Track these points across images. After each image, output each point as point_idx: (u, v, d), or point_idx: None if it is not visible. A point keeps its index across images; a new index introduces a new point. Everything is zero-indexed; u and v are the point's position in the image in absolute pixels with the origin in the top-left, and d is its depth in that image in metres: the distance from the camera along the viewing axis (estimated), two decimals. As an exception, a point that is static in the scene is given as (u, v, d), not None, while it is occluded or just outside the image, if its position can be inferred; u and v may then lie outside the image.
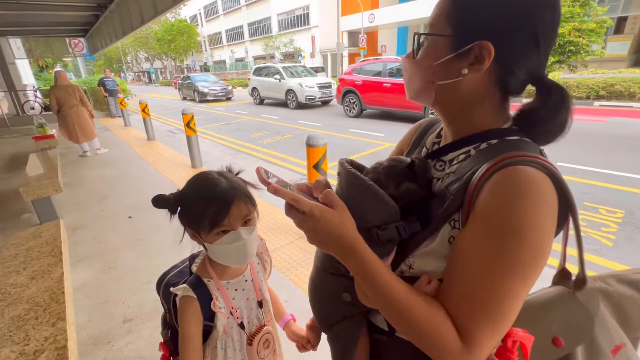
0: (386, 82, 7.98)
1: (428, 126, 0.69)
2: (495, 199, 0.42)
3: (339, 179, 0.55)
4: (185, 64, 43.99)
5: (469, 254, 0.43)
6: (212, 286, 0.78)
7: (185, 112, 4.38)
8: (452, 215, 0.47)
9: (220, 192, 0.72)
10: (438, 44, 0.49)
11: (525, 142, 0.48)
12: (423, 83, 0.52)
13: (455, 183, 0.49)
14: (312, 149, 2.31)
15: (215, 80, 15.51)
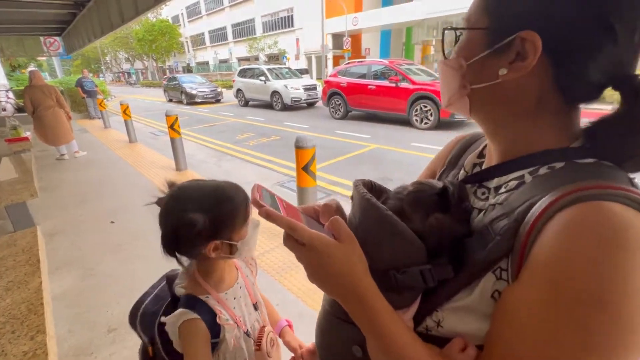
0: (371, 84, 8.07)
1: (468, 142, 0.57)
2: (565, 249, 0.29)
3: (352, 204, 0.46)
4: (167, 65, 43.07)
5: (524, 322, 0.31)
6: (211, 302, 0.74)
7: (169, 113, 4.28)
8: (498, 263, 0.35)
9: (235, 186, 0.74)
10: (473, 40, 0.40)
11: (606, 166, 0.35)
12: (455, 88, 0.42)
13: (503, 219, 0.36)
14: (301, 150, 2.31)
15: (203, 82, 15.11)
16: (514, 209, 0.36)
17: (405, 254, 0.39)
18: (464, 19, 0.42)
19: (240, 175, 4.40)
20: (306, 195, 2.45)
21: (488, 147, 0.48)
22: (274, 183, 4.10)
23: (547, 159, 0.39)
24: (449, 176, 0.55)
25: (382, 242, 0.39)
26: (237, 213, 0.71)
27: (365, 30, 24.93)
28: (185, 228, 0.64)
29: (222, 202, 0.69)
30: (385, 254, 0.39)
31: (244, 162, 5.20)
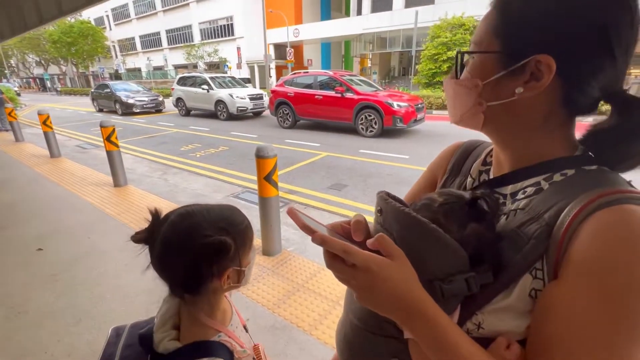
0: (318, 94, 8.29)
1: (468, 150, 0.61)
2: (607, 247, 0.34)
3: (381, 217, 0.46)
4: (90, 71, 38.83)
5: (573, 316, 0.34)
6: (224, 339, 0.66)
7: (104, 124, 3.88)
8: (534, 264, 0.39)
9: (235, 207, 0.69)
10: (486, 62, 0.43)
11: (609, 172, 0.41)
12: (469, 105, 0.46)
13: (531, 223, 0.40)
14: (262, 160, 2.29)
15: (140, 90, 13.81)
16: (540, 213, 0.40)
17: (450, 264, 0.40)
18: (474, 42, 0.45)
19: (190, 189, 4.16)
20: (269, 205, 2.43)
21: (495, 155, 0.52)
22: (226, 195, 3.96)
23: (558, 166, 0.44)
24: (455, 183, 0.58)
25: (427, 255, 0.40)
26: (249, 236, 0.67)
27: (306, 42, 25.57)
28: (213, 253, 0.57)
29: (234, 225, 0.63)
30: (430, 266, 0.40)
31: (193, 174, 4.93)
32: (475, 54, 0.45)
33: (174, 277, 0.61)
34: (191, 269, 0.59)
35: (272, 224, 2.48)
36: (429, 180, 0.65)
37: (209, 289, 0.62)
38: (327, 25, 23.60)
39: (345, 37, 24.54)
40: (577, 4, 0.37)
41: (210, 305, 0.67)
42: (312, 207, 3.59)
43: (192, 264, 0.58)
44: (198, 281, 0.60)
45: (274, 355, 1.62)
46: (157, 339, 0.63)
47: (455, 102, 0.48)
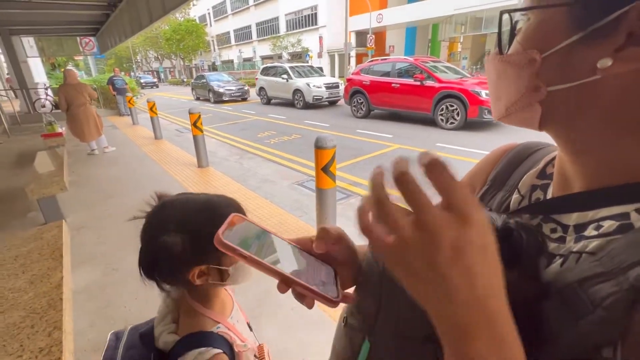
0: (394, 82, 7.87)
1: (520, 156, 0.44)
2: None
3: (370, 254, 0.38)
4: (193, 64, 44.33)
5: None
6: (223, 331, 0.64)
7: (192, 111, 4.35)
8: (600, 350, 0.24)
9: (227, 202, 0.66)
10: (548, 24, 0.29)
11: None
12: (520, 91, 0.31)
13: (605, 281, 0.25)
14: (320, 151, 2.24)
15: (230, 80, 15.26)
16: (621, 267, 0.25)
17: None
18: (528, 7, 0.30)
19: (260, 174, 4.40)
20: (325, 197, 2.39)
21: (559, 166, 0.36)
22: (292, 182, 4.07)
23: (626, 197, 0.28)
24: (495, 199, 0.42)
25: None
26: None
27: (389, 27, 24.48)
28: (161, 252, 0.55)
29: (209, 221, 0.58)
30: (424, 320, 0.27)
31: (265, 160, 5.21)
32: (530, 15, 0.30)
33: (139, 259, 0.61)
34: (148, 259, 0.59)
35: (328, 215, 2.44)
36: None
37: (185, 281, 0.60)
38: (413, 8, 22.13)
39: (433, 20, 22.69)
40: None
41: (205, 295, 0.65)
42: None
43: (147, 255, 0.59)
44: (163, 273, 0.59)
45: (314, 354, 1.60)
46: (156, 333, 0.63)
47: (499, 87, 0.34)
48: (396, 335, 0.33)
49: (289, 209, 3.22)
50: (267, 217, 3.00)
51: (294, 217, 3.01)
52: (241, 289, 0.91)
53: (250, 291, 1.99)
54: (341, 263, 0.39)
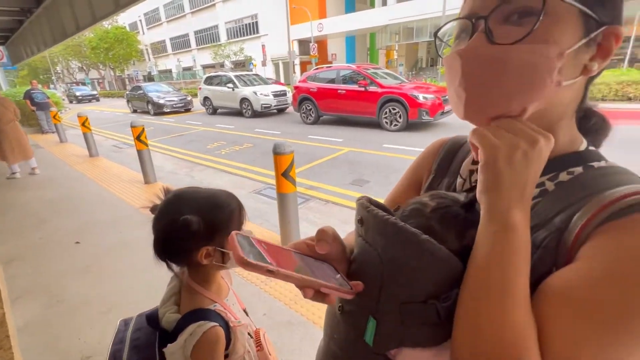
0: (340, 89, 8.20)
1: (454, 147, 0.54)
2: (626, 245, 0.29)
3: (362, 229, 0.40)
4: (126, 74, 41.06)
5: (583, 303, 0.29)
6: (219, 309, 0.72)
7: (134, 124, 4.08)
8: (545, 277, 0.33)
9: (229, 194, 0.77)
10: (568, 24, 0.33)
11: (620, 170, 0.37)
12: (547, 85, 0.33)
13: (539, 229, 0.36)
14: (279, 156, 2.29)
15: (170, 90, 14.41)
16: (548, 218, 0.36)
17: (447, 279, 0.35)
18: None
19: (214, 185, 4.27)
20: (287, 201, 2.43)
21: None
22: (249, 191, 4.03)
23: (564, 164, 0.38)
24: (442, 185, 0.51)
25: (420, 272, 0.35)
26: (232, 220, 0.71)
27: (330, 36, 25.37)
28: (180, 229, 0.63)
29: (216, 208, 0.70)
30: (424, 284, 0.35)
31: (217, 171, 5.07)
32: (548, 11, 0.32)
33: (155, 242, 0.68)
34: (163, 239, 0.66)
35: (290, 220, 2.49)
36: (412, 182, 0.58)
37: (191, 262, 0.68)
38: (351, 18, 23.25)
39: (370, 30, 24.06)
40: None
41: (203, 278, 0.73)
42: (333, 204, 3.56)
43: (163, 235, 0.66)
44: (172, 252, 0.68)
45: (289, 351, 1.63)
46: (160, 314, 0.71)
47: (521, 80, 0.33)
48: (400, 305, 0.36)
49: (248, 218, 3.18)
50: (227, 227, 2.94)
51: (256, 225, 2.99)
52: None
53: (219, 303, 1.95)
54: (334, 259, 0.41)
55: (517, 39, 0.32)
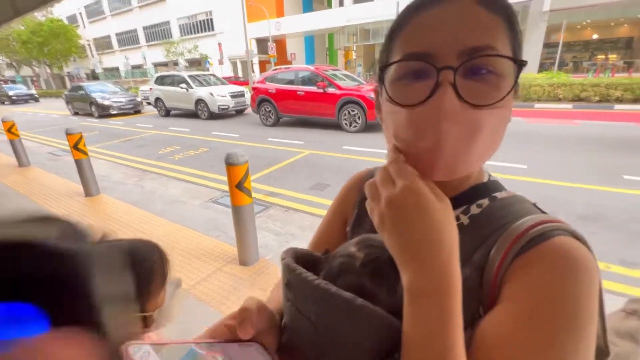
0: (300, 90, 8.14)
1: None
2: (537, 286, 0.31)
3: (291, 294, 0.37)
4: (66, 72, 37.39)
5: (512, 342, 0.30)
6: None
7: (70, 131, 3.67)
8: (475, 318, 0.34)
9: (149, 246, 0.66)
10: (509, 78, 0.34)
11: (519, 199, 0.40)
12: (498, 144, 0.36)
13: (462, 267, 0.34)
14: (232, 167, 2.18)
15: (117, 91, 13.23)
16: (469, 254, 0.37)
17: (388, 344, 0.32)
18: (490, 46, 0.32)
19: (167, 195, 4.00)
20: (242, 213, 2.32)
21: None
22: (205, 200, 3.83)
23: (473, 196, 0.41)
24: (366, 223, 0.49)
25: (360, 339, 0.32)
26: (151, 278, 0.61)
27: (289, 35, 25.18)
28: None
29: (132, 267, 0.57)
30: (365, 351, 0.32)
31: (170, 179, 4.75)
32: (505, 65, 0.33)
33: None
34: None
35: (248, 232, 2.38)
36: (337, 220, 0.55)
37: None
38: (309, 18, 23.25)
39: (328, 30, 24.24)
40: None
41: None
42: (294, 210, 3.50)
43: None
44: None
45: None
46: None
47: (489, 143, 0.35)
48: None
49: (204, 230, 3.01)
50: (179, 243, 2.75)
51: (211, 239, 2.84)
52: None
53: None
54: (264, 332, 0.36)
55: (489, 103, 0.33)
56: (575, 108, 9.00)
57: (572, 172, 4.19)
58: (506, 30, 0.34)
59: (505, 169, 4.41)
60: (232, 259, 2.51)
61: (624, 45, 22.51)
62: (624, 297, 1.97)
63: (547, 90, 9.70)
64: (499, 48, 0.33)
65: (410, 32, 0.35)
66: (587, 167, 4.32)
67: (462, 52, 0.32)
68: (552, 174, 4.15)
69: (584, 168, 4.30)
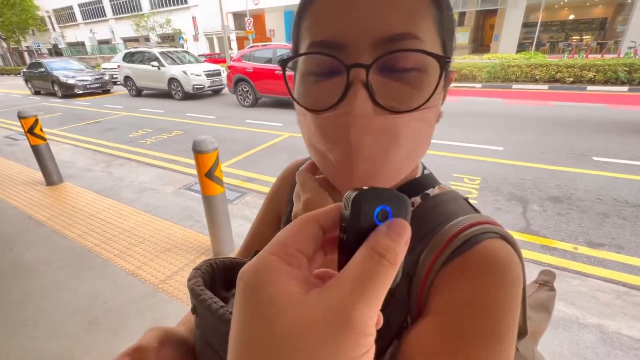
0: (278, 69, 7.82)
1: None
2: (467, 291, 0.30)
3: (198, 321, 0.33)
4: (24, 46, 34.45)
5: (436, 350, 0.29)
6: None
7: (22, 114, 3.35)
8: (403, 330, 0.32)
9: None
10: (434, 73, 0.29)
11: (451, 197, 0.38)
12: (424, 148, 0.33)
13: None
14: (201, 155, 2.04)
15: (82, 68, 12.26)
16: None
17: None
18: (413, 35, 0.28)
19: (137, 182, 3.80)
20: (213, 203, 2.21)
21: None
22: (178, 187, 3.66)
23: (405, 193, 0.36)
24: None
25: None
26: None
27: (267, 10, 24.05)
28: None
29: None
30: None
31: (141, 165, 4.51)
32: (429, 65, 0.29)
33: None
34: None
35: (221, 223, 2.28)
36: (270, 217, 0.50)
37: None
38: (288, -8, 22.20)
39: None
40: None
41: None
42: (271, 196, 3.40)
43: None
44: None
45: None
46: None
47: (414, 147, 0.32)
48: None
49: (176, 220, 2.89)
50: (150, 234, 2.62)
51: (184, 229, 2.72)
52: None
53: None
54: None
55: (410, 108, 0.28)
56: (551, 89, 9.19)
57: (545, 153, 4.28)
58: (433, 12, 0.29)
59: (482, 150, 4.46)
60: (206, 250, 2.42)
61: (598, 26, 23.02)
62: (590, 278, 2.05)
63: (524, 71, 9.81)
64: (423, 36, 0.28)
65: (317, 11, 0.29)
66: (560, 149, 4.43)
67: (377, 43, 0.27)
68: (526, 156, 4.23)
69: (557, 149, 4.41)
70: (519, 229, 2.66)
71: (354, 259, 0.17)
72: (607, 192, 3.19)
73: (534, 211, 2.93)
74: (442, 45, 0.31)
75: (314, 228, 0.19)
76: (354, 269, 0.16)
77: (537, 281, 0.59)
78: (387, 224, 0.18)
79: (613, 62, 8.98)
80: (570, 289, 1.92)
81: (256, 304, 0.16)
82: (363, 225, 0.18)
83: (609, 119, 5.84)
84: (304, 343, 0.14)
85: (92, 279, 2.13)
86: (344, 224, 0.19)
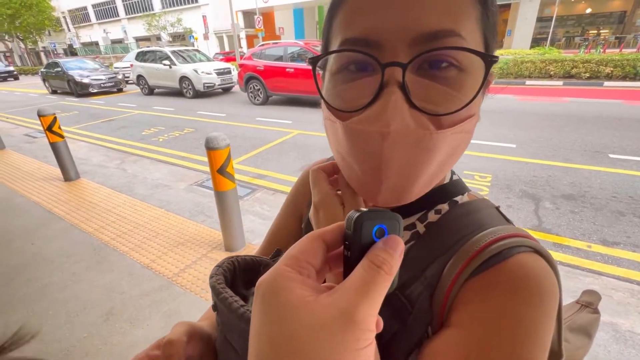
0: (289, 67, 7.86)
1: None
2: (498, 307, 0.28)
3: (218, 318, 0.33)
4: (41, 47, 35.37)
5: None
6: None
7: (42, 112, 3.47)
8: (423, 341, 0.31)
9: None
10: (477, 75, 0.28)
11: (481, 206, 0.36)
12: (457, 158, 0.31)
13: (415, 282, 0.32)
14: (213, 152, 2.08)
15: (97, 67, 12.55)
16: (422, 269, 0.33)
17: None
18: (457, 33, 0.25)
19: (150, 179, 3.89)
20: (225, 199, 2.26)
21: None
22: (190, 184, 3.73)
23: (432, 201, 0.36)
24: None
25: None
26: None
27: (277, 7, 24.06)
28: None
29: None
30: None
31: (154, 162, 4.61)
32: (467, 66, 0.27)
33: None
34: None
35: (232, 218, 2.33)
36: (292, 214, 0.51)
37: None
38: (297, -11, 22.17)
39: (318, 2, 23.22)
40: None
41: None
42: (281, 193, 3.44)
43: None
44: None
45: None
46: None
47: (446, 160, 0.30)
48: None
49: (189, 215, 2.95)
50: (164, 229, 2.69)
51: (196, 224, 2.78)
52: None
53: None
54: (201, 357, 0.35)
55: (451, 110, 0.26)
56: (566, 85, 8.96)
57: (559, 151, 4.20)
58: (477, 6, 0.27)
59: (493, 147, 4.40)
60: (218, 245, 2.47)
61: (617, 19, 22.28)
62: (604, 276, 2.02)
63: (538, 66, 9.59)
64: (465, 34, 0.26)
65: (351, 7, 0.27)
66: (574, 146, 4.34)
67: (414, 40, 0.25)
68: (540, 153, 4.15)
69: (571, 147, 4.32)
70: (530, 227, 2.63)
71: (357, 270, 0.20)
72: (622, 190, 3.11)
73: (547, 209, 2.89)
74: (485, 43, 0.28)
75: (320, 244, 0.21)
76: (357, 277, 0.19)
77: (579, 301, 0.54)
78: (384, 240, 0.21)
79: (632, 56, 8.69)
80: (582, 287, 1.89)
81: (275, 305, 0.19)
82: (364, 242, 0.21)
83: (626, 116, 5.68)
84: (316, 337, 0.17)
85: (108, 272, 2.21)
86: (347, 242, 0.22)
